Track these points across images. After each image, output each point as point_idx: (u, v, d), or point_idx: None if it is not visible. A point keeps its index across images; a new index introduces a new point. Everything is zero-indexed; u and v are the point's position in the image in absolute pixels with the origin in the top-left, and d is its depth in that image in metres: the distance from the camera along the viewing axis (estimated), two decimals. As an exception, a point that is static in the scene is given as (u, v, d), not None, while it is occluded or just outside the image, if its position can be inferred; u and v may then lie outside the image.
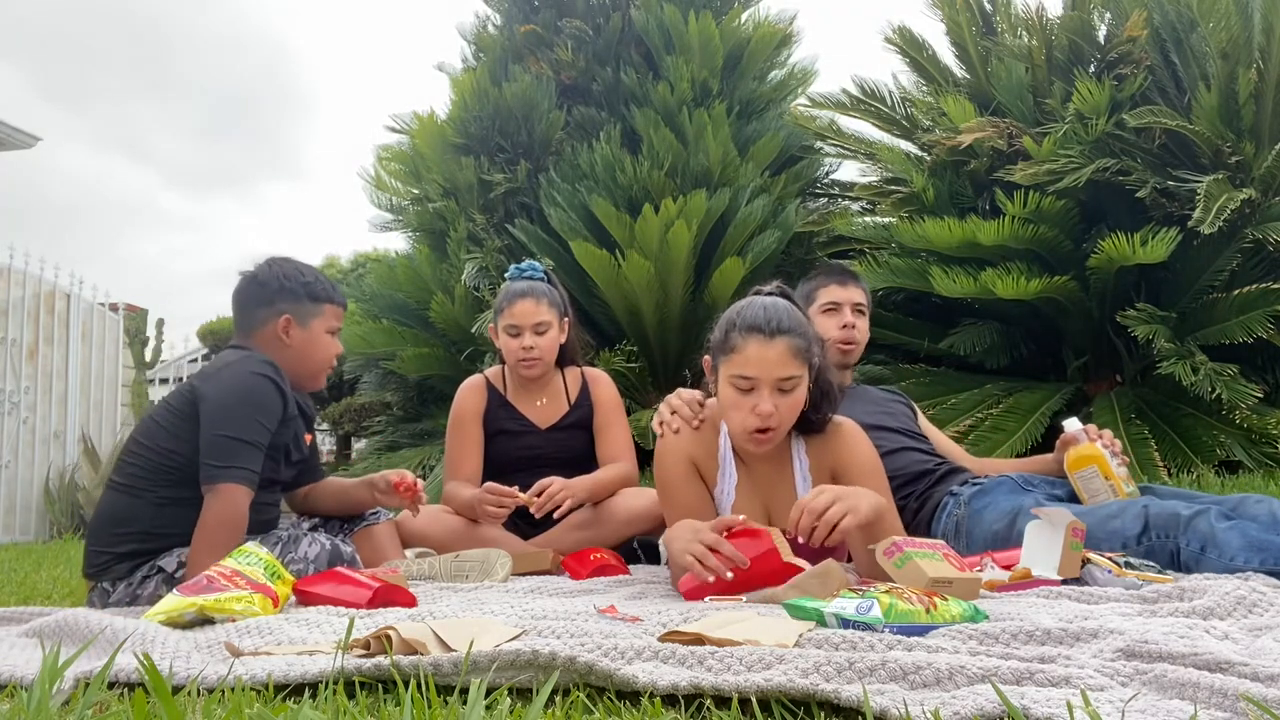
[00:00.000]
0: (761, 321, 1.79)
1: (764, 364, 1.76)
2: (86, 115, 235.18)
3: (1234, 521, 1.85)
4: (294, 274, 2.21)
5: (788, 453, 1.96)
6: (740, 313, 1.84)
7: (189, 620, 1.58)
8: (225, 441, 1.97)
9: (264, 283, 2.20)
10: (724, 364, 1.82)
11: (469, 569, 2.26)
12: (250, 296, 2.20)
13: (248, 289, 2.21)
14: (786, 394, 1.79)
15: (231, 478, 1.95)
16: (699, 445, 1.96)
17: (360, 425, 8.14)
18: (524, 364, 2.66)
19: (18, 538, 6.24)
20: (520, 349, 2.64)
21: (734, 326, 1.82)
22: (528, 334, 2.63)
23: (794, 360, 1.78)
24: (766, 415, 1.77)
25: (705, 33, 5.80)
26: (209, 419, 2.00)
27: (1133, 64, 4.77)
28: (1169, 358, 4.14)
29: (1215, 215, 3.96)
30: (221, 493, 1.94)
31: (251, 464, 1.99)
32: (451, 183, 6.10)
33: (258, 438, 2.01)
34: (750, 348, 1.77)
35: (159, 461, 2.04)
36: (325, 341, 2.23)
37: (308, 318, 2.20)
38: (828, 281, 2.58)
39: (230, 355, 2.13)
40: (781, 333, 1.77)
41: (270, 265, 2.23)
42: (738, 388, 1.80)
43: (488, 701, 0.96)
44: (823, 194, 6.28)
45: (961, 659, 1.04)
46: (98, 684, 0.97)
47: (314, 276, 2.24)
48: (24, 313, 6.46)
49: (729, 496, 1.95)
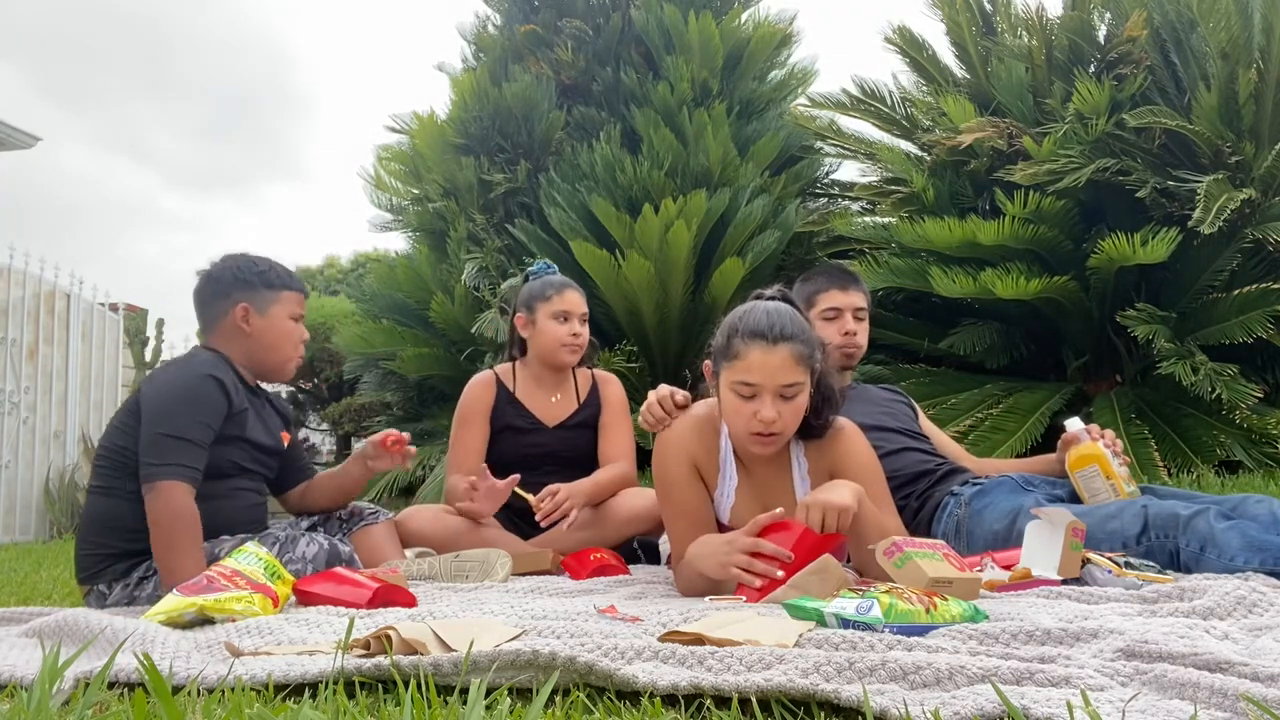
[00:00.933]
0: (764, 328, 1.77)
1: (766, 371, 1.76)
2: (87, 116, 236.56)
3: (1233, 521, 1.85)
4: (247, 265, 2.22)
5: (787, 456, 1.95)
6: (742, 318, 1.82)
7: (189, 620, 1.58)
8: (162, 439, 1.98)
9: (218, 277, 2.21)
10: (726, 370, 1.82)
11: (469, 569, 2.26)
12: (207, 293, 2.21)
13: (204, 286, 2.22)
14: (789, 400, 1.78)
15: (168, 475, 1.95)
16: (700, 445, 1.95)
17: (360, 425, 8.13)
18: (569, 349, 2.71)
19: (18, 538, 6.24)
20: (569, 335, 2.70)
21: (736, 332, 1.81)
22: (576, 320, 2.71)
23: (796, 367, 1.77)
24: (769, 422, 1.77)
25: (705, 33, 5.80)
26: (147, 418, 2.01)
27: (1133, 64, 4.77)
28: (1169, 358, 4.14)
29: (1215, 215, 3.96)
30: (159, 491, 1.94)
31: (190, 461, 1.98)
32: (451, 183, 6.10)
33: (197, 435, 2.01)
34: (753, 354, 1.76)
35: (120, 460, 2.07)
36: (288, 327, 2.23)
37: (266, 305, 2.19)
38: (828, 286, 2.55)
39: (180, 355, 2.16)
40: (784, 339, 1.76)
41: (223, 260, 2.24)
42: (740, 394, 1.79)
43: (488, 701, 0.96)
44: (823, 194, 6.29)
45: (961, 659, 1.04)
46: (98, 684, 0.97)
47: (268, 265, 2.24)
48: (24, 313, 6.46)
49: (728, 499, 1.95)
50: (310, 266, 16.60)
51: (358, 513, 2.42)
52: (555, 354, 2.73)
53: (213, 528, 2.03)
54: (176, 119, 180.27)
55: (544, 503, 2.43)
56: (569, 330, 2.71)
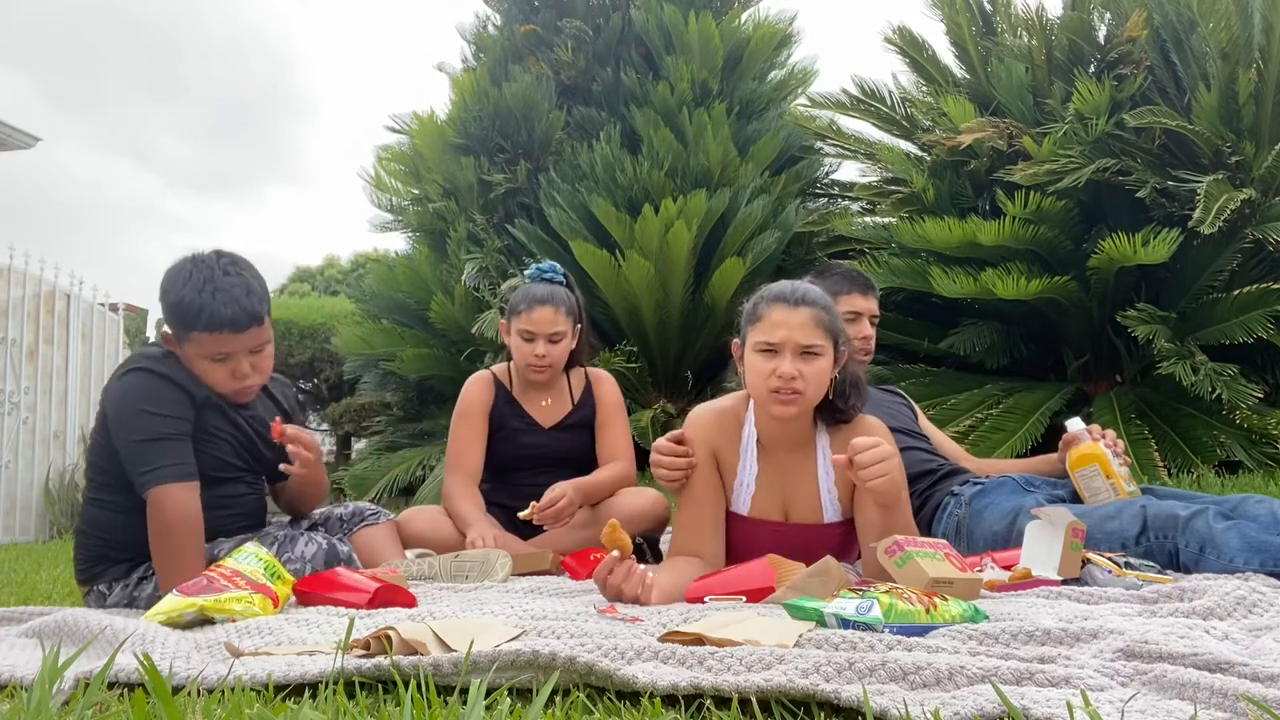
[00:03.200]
0: (787, 292, 1.87)
1: (788, 327, 1.82)
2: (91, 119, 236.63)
3: (1233, 522, 1.84)
4: (170, 287, 1.96)
5: (812, 444, 1.97)
6: (768, 288, 1.92)
7: (189, 620, 1.58)
8: (138, 446, 1.90)
9: (162, 288, 1.99)
10: (750, 333, 1.89)
11: (469, 569, 2.25)
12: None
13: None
14: (809, 361, 1.82)
15: (158, 480, 1.88)
16: (722, 435, 1.98)
17: (360, 425, 8.14)
18: (533, 369, 2.66)
19: (18, 538, 6.23)
20: (533, 355, 2.63)
21: (761, 299, 1.90)
22: (541, 342, 2.63)
23: (817, 329, 1.83)
24: (789, 377, 1.80)
25: (705, 33, 5.80)
26: (116, 429, 1.94)
27: (1133, 64, 4.77)
28: (1169, 358, 4.14)
29: (1215, 215, 3.96)
30: (154, 499, 1.88)
31: (175, 458, 1.90)
32: (451, 183, 6.10)
33: (168, 429, 1.91)
34: (775, 313, 1.84)
35: (101, 480, 2.03)
36: (201, 367, 1.98)
37: (181, 339, 1.97)
38: (851, 289, 2.55)
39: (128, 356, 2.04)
40: (806, 303, 1.84)
41: (171, 268, 2.00)
42: (762, 352, 1.84)
43: (488, 701, 0.96)
44: (823, 194, 6.29)
45: (961, 659, 1.04)
46: (98, 684, 0.97)
47: (181, 296, 1.93)
48: (24, 313, 6.46)
49: (748, 488, 1.97)
50: (310, 267, 16.60)
51: (359, 513, 2.42)
52: (522, 371, 2.71)
53: (209, 532, 1.99)
54: (179, 122, 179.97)
55: (546, 511, 2.41)
56: (532, 351, 2.62)
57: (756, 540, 1.90)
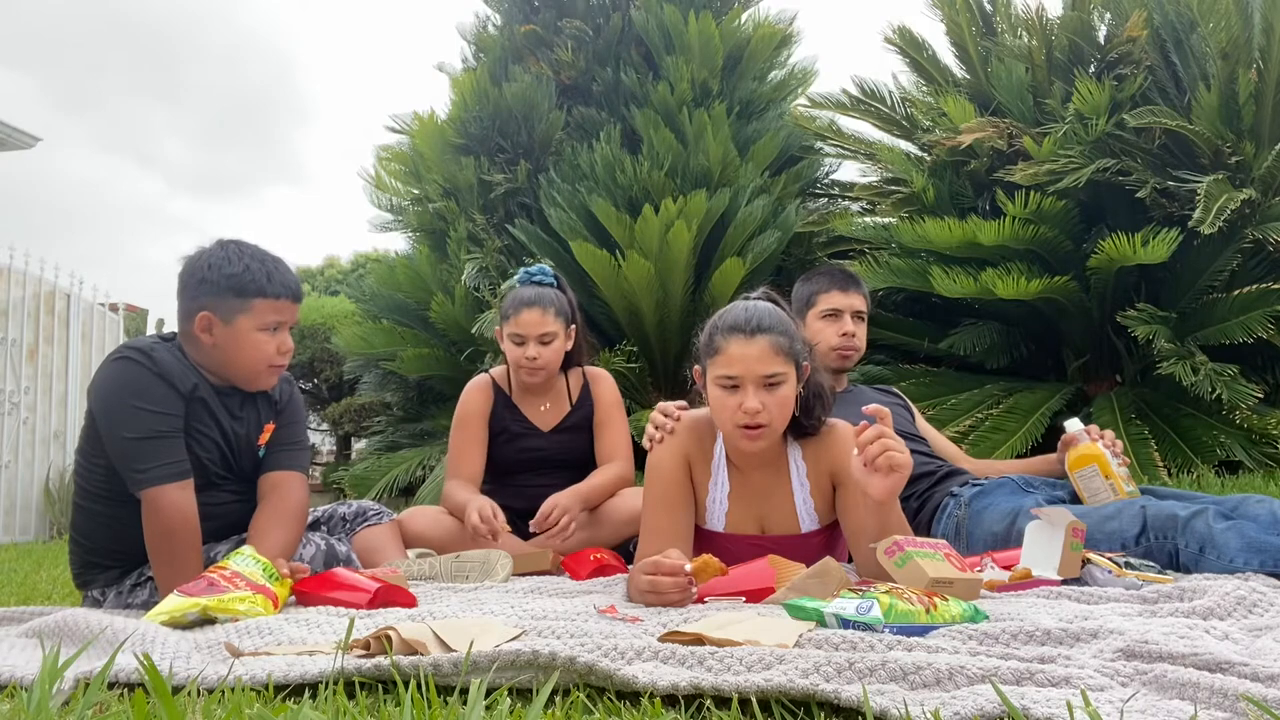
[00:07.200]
0: (742, 321, 1.82)
1: (746, 361, 1.79)
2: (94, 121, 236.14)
3: (1232, 522, 1.84)
4: (219, 263, 1.95)
5: (784, 459, 1.95)
6: (722, 316, 1.88)
7: (191, 620, 1.58)
8: (129, 443, 1.85)
9: (190, 272, 1.97)
10: (710, 366, 1.86)
11: (469, 569, 2.26)
12: (179, 285, 1.99)
13: (179, 277, 2.00)
14: (772, 391, 1.80)
15: (152, 480, 1.84)
16: (696, 445, 1.97)
17: (360, 425, 8.14)
18: (527, 371, 2.66)
19: (18, 538, 6.24)
20: (524, 358, 2.64)
21: (716, 329, 1.86)
22: (532, 344, 2.63)
23: (776, 357, 1.80)
24: (753, 412, 1.79)
25: (705, 33, 5.80)
26: (105, 427, 1.89)
27: (1133, 64, 4.76)
28: (1169, 358, 4.14)
29: (1215, 215, 3.96)
30: (148, 500, 1.84)
31: (168, 456, 1.86)
32: (451, 183, 6.10)
33: (161, 426, 1.86)
34: (732, 347, 1.80)
35: (87, 488, 2.00)
36: (253, 340, 1.96)
37: (232, 314, 1.94)
38: (829, 287, 2.56)
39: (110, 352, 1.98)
40: (762, 331, 1.80)
41: (202, 254, 1.99)
42: (723, 387, 1.82)
43: (488, 702, 0.96)
44: (823, 194, 6.28)
45: (961, 659, 1.04)
46: (98, 684, 0.97)
47: (243, 266, 1.95)
48: (24, 313, 6.46)
49: (721, 505, 1.95)
50: (310, 267, 16.61)
51: (362, 512, 2.42)
52: (515, 374, 2.72)
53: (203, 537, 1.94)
54: (179, 122, 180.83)
55: (545, 523, 2.41)
56: (524, 353, 2.62)
57: (734, 554, 1.89)
